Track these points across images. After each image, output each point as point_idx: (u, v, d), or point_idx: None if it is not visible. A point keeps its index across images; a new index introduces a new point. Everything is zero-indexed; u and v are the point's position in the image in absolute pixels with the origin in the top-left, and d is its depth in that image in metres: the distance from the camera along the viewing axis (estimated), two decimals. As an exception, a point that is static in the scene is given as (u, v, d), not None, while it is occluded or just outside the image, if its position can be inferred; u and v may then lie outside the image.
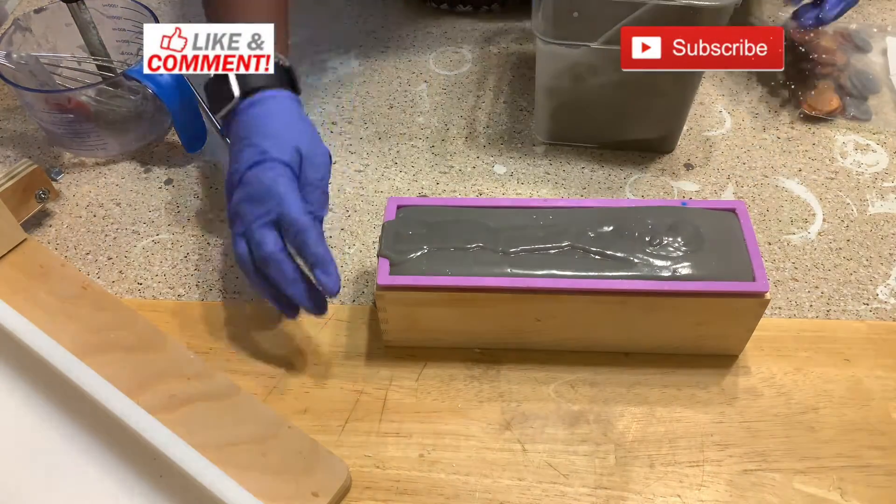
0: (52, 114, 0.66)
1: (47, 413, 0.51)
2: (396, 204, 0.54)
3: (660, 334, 0.52)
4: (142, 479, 0.47)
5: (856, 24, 0.79)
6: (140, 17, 0.70)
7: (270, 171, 0.50)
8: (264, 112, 0.54)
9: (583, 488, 0.48)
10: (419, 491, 0.48)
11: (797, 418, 0.51)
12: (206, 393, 0.52)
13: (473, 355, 0.55)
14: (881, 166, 0.67)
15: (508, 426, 0.51)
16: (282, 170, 0.50)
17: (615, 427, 0.51)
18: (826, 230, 0.62)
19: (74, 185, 0.68)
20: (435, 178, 0.67)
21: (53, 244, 0.64)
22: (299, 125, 0.54)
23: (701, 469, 0.48)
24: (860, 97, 0.72)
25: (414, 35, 0.83)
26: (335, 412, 0.52)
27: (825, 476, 0.48)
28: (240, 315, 0.58)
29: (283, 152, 0.51)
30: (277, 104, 0.54)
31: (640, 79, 0.61)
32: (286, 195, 0.49)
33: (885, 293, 0.58)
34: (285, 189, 0.49)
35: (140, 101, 0.68)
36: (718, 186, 0.66)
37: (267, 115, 0.53)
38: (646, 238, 0.51)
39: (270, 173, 0.50)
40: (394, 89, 0.76)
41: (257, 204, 0.50)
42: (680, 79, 0.62)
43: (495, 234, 0.51)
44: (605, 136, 0.68)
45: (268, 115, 0.53)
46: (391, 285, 0.49)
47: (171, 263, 0.62)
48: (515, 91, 0.76)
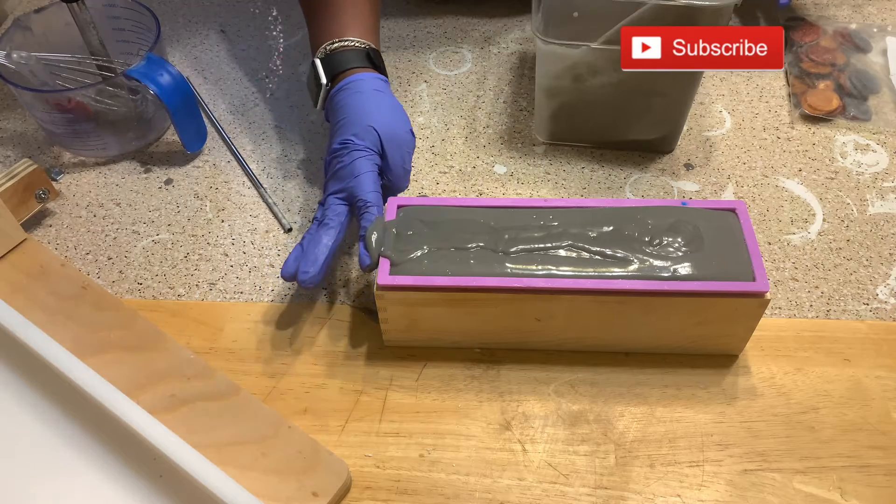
0: (52, 114, 0.66)
1: (47, 413, 0.51)
2: (396, 204, 0.54)
3: (660, 334, 0.52)
4: (142, 479, 0.47)
5: (856, 24, 0.79)
6: (140, 17, 0.70)
7: (348, 155, 0.55)
8: (347, 97, 0.58)
9: (583, 488, 0.48)
10: (419, 491, 0.48)
11: (797, 418, 0.51)
12: (206, 393, 0.52)
13: (473, 355, 0.55)
14: (881, 166, 0.67)
15: (508, 426, 0.51)
16: (359, 153, 0.55)
17: (615, 427, 0.51)
18: (826, 230, 0.62)
19: (74, 185, 0.68)
20: (435, 178, 0.67)
21: (53, 244, 0.64)
22: (378, 107, 0.57)
23: (701, 469, 0.48)
24: (860, 97, 0.72)
25: (414, 35, 0.83)
26: (335, 412, 0.52)
27: (825, 476, 0.48)
28: (240, 315, 0.58)
29: (362, 137, 0.56)
30: (359, 87, 0.58)
31: (640, 79, 0.61)
32: (360, 176, 0.54)
33: (885, 293, 0.58)
34: (360, 170, 0.54)
35: (140, 101, 0.68)
36: (718, 186, 0.66)
37: (350, 99, 0.58)
38: (646, 238, 0.51)
39: (349, 157, 0.55)
40: (394, 89, 0.76)
41: (336, 181, 0.56)
42: (680, 79, 0.62)
43: (495, 234, 0.51)
44: (606, 137, 0.68)
45: (351, 99, 0.58)
46: (391, 285, 0.49)
47: (171, 263, 0.62)
48: (515, 91, 0.76)
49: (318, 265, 0.52)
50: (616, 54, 0.57)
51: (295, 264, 0.53)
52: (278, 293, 0.59)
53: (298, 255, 0.53)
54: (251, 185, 0.68)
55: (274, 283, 0.60)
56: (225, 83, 0.78)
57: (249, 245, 0.63)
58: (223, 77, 0.79)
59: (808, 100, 0.72)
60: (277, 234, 0.64)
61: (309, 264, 0.52)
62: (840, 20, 0.81)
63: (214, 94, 0.77)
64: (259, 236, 0.63)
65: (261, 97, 0.76)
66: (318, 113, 0.74)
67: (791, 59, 0.76)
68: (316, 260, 0.52)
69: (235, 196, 0.67)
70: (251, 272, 0.61)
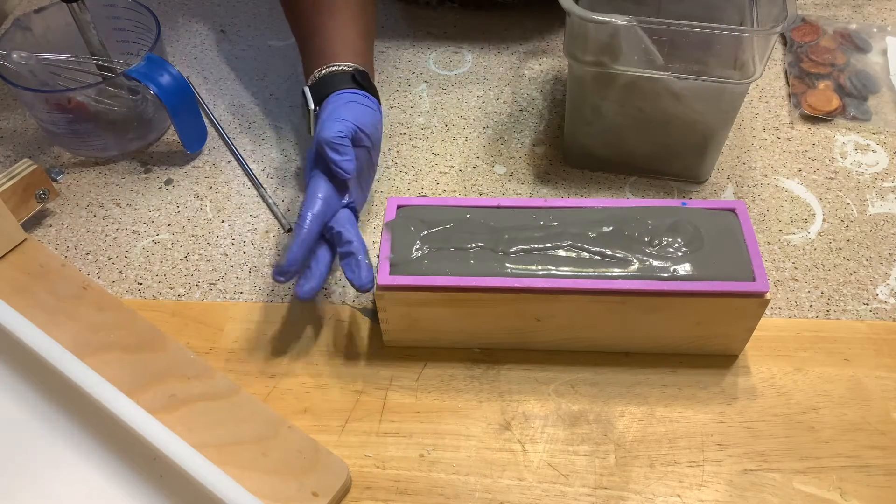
0: (52, 114, 0.66)
1: (47, 413, 0.51)
2: (396, 204, 0.54)
3: (660, 334, 0.52)
4: (142, 479, 0.47)
5: (856, 24, 0.79)
6: (140, 17, 0.70)
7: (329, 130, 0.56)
8: (323, 111, 0.59)
9: (583, 488, 0.48)
10: (419, 491, 0.48)
11: (797, 418, 0.51)
12: (206, 393, 0.52)
13: (473, 355, 0.55)
14: (881, 166, 0.67)
15: (508, 426, 0.51)
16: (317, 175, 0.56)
17: (615, 427, 0.51)
18: (826, 230, 0.62)
19: (74, 185, 0.68)
20: (435, 178, 0.67)
21: (53, 244, 0.64)
22: (349, 110, 0.57)
23: (701, 469, 0.48)
24: (860, 97, 0.72)
25: (414, 35, 0.83)
26: (335, 412, 0.52)
27: (825, 476, 0.48)
28: (240, 315, 0.58)
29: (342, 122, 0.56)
30: (334, 101, 0.59)
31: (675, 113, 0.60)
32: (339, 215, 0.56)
33: (885, 293, 0.58)
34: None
35: (140, 101, 0.68)
36: (718, 186, 0.66)
37: (324, 112, 0.58)
38: (646, 238, 0.51)
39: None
40: (394, 89, 0.76)
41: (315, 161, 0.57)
42: (715, 110, 0.60)
43: (495, 234, 0.51)
44: (638, 167, 0.66)
45: (324, 112, 0.58)
46: (391, 285, 0.49)
47: (171, 263, 0.62)
48: (515, 91, 0.76)
49: (318, 280, 0.54)
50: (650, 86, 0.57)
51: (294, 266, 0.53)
52: (278, 293, 0.59)
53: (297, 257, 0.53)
54: (251, 185, 0.68)
55: (274, 283, 0.60)
56: (225, 83, 0.78)
57: (249, 245, 0.63)
58: (223, 77, 0.79)
59: (808, 100, 0.72)
60: (277, 234, 0.64)
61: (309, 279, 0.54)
62: (840, 20, 0.81)
63: (214, 94, 0.77)
64: (259, 236, 0.63)
65: (261, 97, 0.76)
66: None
67: (791, 59, 0.76)
68: (318, 275, 0.54)
69: (235, 196, 0.67)
70: (251, 272, 0.61)
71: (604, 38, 0.57)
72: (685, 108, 0.59)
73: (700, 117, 0.60)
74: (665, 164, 0.65)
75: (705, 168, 0.65)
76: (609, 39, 0.57)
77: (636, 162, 0.66)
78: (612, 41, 0.57)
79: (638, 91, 0.59)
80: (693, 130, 0.61)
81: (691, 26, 0.54)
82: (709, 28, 0.55)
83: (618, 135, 0.64)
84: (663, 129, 0.62)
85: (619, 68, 0.58)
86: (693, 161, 0.64)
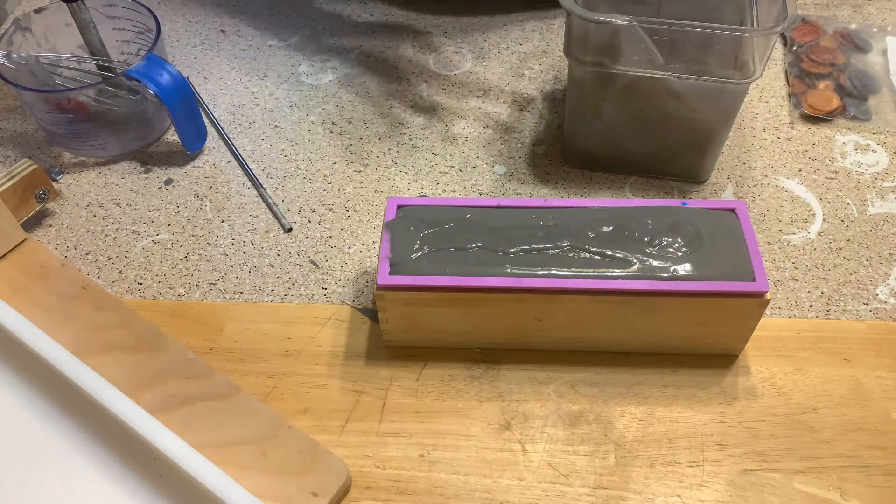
0: (52, 114, 0.66)
1: (47, 413, 0.51)
2: (396, 204, 0.54)
3: (660, 334, 0.52)
4: (142, 479, 0.47)
5: (856, 24, 0.79)
6: (140, 17, 0.70)
7: None
8: None
9: (583, 488, 0.48)
10: (419, 491, 0.48)
11: (797, 418, 0.51)
12: (206, 393, 0.52)
13: (473, 355, 0.55)
14: (881, 166, 0.67)
15: (508, 426, 0.51)
16: None
17: (615, 427, 0.51)
18: (826, 230, 0.62)
19: (74, 185, 0.68)
20: (435, 178, 0.67)
21: (53, 244, 0.64)
22: None
23: (701, 469, 0.48)
24: (860, 97, 0.72)
25: (414, 35, 0.83)
26: (335, 412, 0.52)
27: (825, 476, 0.48)
28: (240, 315, 0.58)
29: None
30: None
31: (675, 113, 0.60)
32: None
33: (885, 293, 0.58)
34: None
35: (140, 101, 0.68)
36: (718, 186, 0.66)
37: None
38: (646, 238, 0.51)
39: None
40: (394, 89, 0.76)
41: None
42: (715, 110, 0.60)
43: (495, 234, 0.51)
44: (638, 167, 0.66)
45: None
46: (391, 285, 0.49)
47: (171, 263, 0.62)
48: (516, 91, 0.76)
49: None
50: (648, 86, 0.56)
51: None
52: (278, 293, 0.59)
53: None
54: (251, 185, 0.68)
55: (274, 283, 0.60)
56: (225, 83, 0.78)
57: (249, 245, 0.63)
58: (223, 77, 0.79)
59: (808, 100, 0.72)
60: (277, 234, 0.64)
61: None
62: (840, 20, 0.81)
63: (214, 94, 0.77)
64: (259, 236, 0.63)
65: (261, 97, 0.76)
66: (318, 113, 0.74)
67: (791, 59, 0.76)
68: None
69: (235, 196, 0.67)
70: (251, 272, 0.61)
71: (604, 38, 0.57)
72: (685, 108, 0.59)
73: (700, 117, 0.60)
74: (665, 164, 0.65)
75: (705, 168, 0.65)
76: (609, 39, 0.57)
77: (636, 162, 0.66)
78: (612, 41, 0.57)
79: (638, 91, 0.59)
80: (693, 130, 0.61)
81: (691, 26, 0.54)
82: (709, 28, 0.55)
83: (618, 135, 0.64)
84: (663, 129, 0.62)
85: (620, 68, 0.58)
86: (693, 161, 0.64)
